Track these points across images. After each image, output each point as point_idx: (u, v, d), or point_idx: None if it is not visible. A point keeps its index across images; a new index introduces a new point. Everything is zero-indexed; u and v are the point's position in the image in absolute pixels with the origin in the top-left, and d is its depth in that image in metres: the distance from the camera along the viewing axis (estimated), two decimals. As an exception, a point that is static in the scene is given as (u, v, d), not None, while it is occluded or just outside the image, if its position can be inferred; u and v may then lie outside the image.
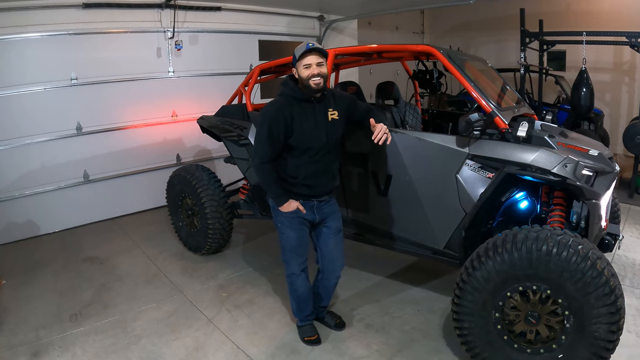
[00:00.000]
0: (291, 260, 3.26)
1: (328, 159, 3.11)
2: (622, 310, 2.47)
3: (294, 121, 2.94)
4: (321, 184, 3.13)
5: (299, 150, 3.00)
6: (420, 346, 3.33)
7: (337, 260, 3.34)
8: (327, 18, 8.51)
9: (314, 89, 2.92)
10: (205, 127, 4.89)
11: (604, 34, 7.03)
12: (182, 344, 3.42)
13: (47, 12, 5.39)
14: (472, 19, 10.81)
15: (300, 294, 3.33)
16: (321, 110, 3.03)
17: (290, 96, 3.00)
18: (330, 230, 3.28)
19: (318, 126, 3.00)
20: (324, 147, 3.04)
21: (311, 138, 2.98)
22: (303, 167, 3.04)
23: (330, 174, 3.18)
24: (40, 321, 3.75)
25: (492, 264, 2.68)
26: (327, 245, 3.29)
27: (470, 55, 4.31)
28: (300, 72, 2.92)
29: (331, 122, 3.06)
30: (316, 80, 2.89)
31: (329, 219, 3.26)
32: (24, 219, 5.57)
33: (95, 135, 5.99)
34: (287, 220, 3.16)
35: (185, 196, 4.88)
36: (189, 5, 6.49)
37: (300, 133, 2.95)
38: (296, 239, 3.20)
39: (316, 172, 3.08)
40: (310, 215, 3.17)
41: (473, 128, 3.09)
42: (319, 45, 2.89)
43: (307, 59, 2.89)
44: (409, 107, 4.79)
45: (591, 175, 2.97)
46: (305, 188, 3.10)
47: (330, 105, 3.09)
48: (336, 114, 3.09)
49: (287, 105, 2.96)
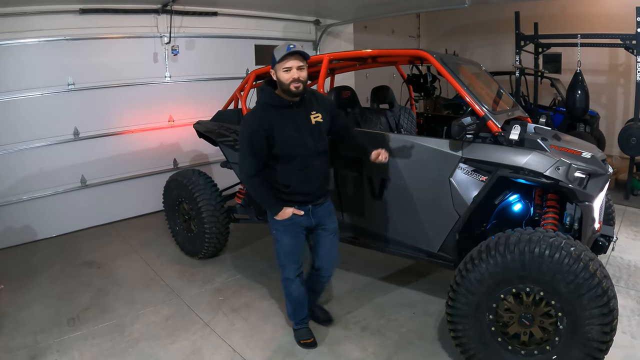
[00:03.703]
0: (286, 266, 3.21)
1: (319, 163, 3.03)
2: (615, 311, 2.48)
3: (274, 130, 2.84)
4: (315, 189, 3.08)
5: (286, 158, 2.92)
6: (415, 348, 3.35)
7: (332, 260, 3.35)
8: (323, 22, 8.54)
9: (294, 93, 2.83)
10: (201, 132, 4.92)
11: (598, 37, 7.09)
12: (179, 347, 3.43)
13: (44, 17, 5.41)
14: (467, 22, 10.84)
15: (296, 297, 3.30)
16: (302, 115, 2.95)
17: (267, 104, 2.91)
18: (326, 232, 3.25)
19: (301, 131, 2.91)
20: (312, 151, 2.96)
21: (295, 144, 2.90)
22: (294, 175, 2.97)
23: (323, 178, 3.13)
24: (39, 325, 3.76)
25: (485, 267, 2.71)
26: (324, 247, 3.28)
27: (464, 59, 4.34)
28: (280, 75, 2.82)
29: (315, 125, 2.98)
30: (296, 84, 2.80)
31: (325, 221, 3.22)
32: (21, 223, 5.58)
33: (93, 140, 6.01)
34: (283, 227, 3.09)
35: (182, 201, 4.89)
36: (185, 10, 6.51)
37: (282, 141, 2.86)
38: (292, 245, 3.15)
39: (308, 178, 3.00)
40: (307, 220, 3.11)
41: (466, 132, 3.11)
42: (300, 47, 2.80)
43: (288, 62, 2.78)
44: (403, 111, 4.82)
45: (584, 178, 2.99)
46: (299, 196, 3.03)
47: (313, 108, 3.01)
48: (320, 116, 3.01)
49: (265, 114, 2.87)
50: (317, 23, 8.52)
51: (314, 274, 3.41)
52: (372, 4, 7.01)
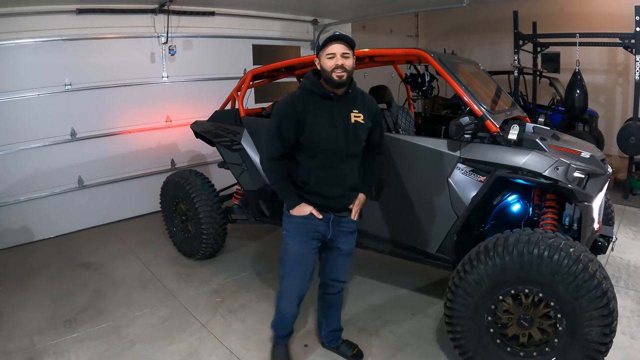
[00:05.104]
0: (288, 279, 2.90)
1: (347, 166, 2.75)
2: (614, 312, 2.47)
3: (307, 116, 2.63)
4: (335, 194, 2.77)
5: (312, 151, 2.68)
6: (413, 350, 3.33)
7: (340, 277, 3.07)
8: (321, 22, 8.51)
9: (336, 82, 2.60)
10: (198, 132, 4.89)
11: (597, 36, 7.08)
12: (176, 349, 3.41)
13: (41, 18, 5.38)
14: (466, 21, 10.84)
15: (285, 313, 3.00)
16: (342, 110, 2.70)
17: (308, 90, 2.70)
18: (340, 253, 2.96)
19: (336, 126, 2.66)
20: (341, 151, 2.70)
21: (326, 138, 2.65)
22: (315, 171, 2.72)
23: (349, 185, 2.80)
24: (35, 327, 3.74)
25: (483, 268, 2.69)
26: (333, 264, 3.02)
27: (462, 59, 4.33)
28: (323, 61, 2.62)
29: (354, 125, 2.72)
30: (339, 72, 2.58)
31: (342, 240, 2.91)
32: (18, 224, 5.56)
33: (90, 140, 5.98)
34: (296, 228, 2.80)
35: (179, 201, 4.87)
36: (182, 10, 6.49)
37: (312, 131, 2.64)
38: (301, 253, 2.83)
39: (330, 179, 2.73)
40: (324, 227, 2.81)
41: (464, 131, 3.10)
42: (348, 35, 2.63)
43: (331, 48, 2.59)
44: (401, 111, 4.79)
45: (583, 178, 2.98)
46: (317, 197, 2.76)
47: (356, 107, 2.76)
48: (361, 117, 2.74)
49: (303, 98, 2.68)
50: (315, 23, 8.50)
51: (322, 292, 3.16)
52: (370, 4, 7.00)
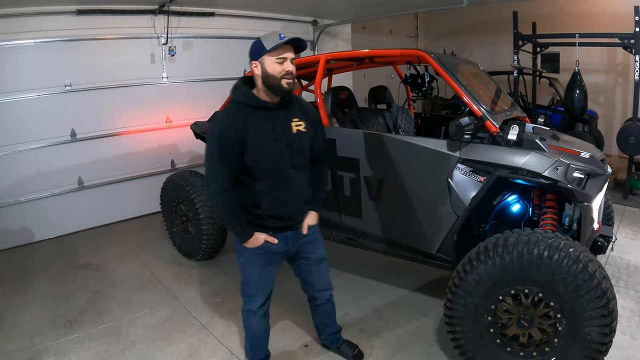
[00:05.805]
0: (250, 298, 2.76)
1: (297, 181, 2.58)
2: (614, 312, 2.47)
3: (248, 133, 2.38)
4: (292, 213, 2.62)
5: (258, 170, 2.46)
6: (414, 350, 3.33)
7: (323, 286, 2.96)
8: (320, 23, 8.52)
9: (284, 90, 2.41)
10: (198, 133, 4.90)
11: (597, 36, 7.08)
12: (176, 349, 3.41)
13: (41, 18, 5.38)
14: (465, 22, 10.84)
15: (254, 333, 2.87)
16: (282, 120, 2.50)
17: (242, 103, 2.46)
18: (309, 262, 2.82)
19: (278, 138, 2.46)
20: (288, 166, 2.51)
21: (269, 154, 2.44)
22: (265, 193, 2.50)
23: (303, 199, 2.65)
24: (35, 328, 3.74)
25: (483, 268, 2.68)
26: (310, 276, 2.89)
27: (462, 59, 4.33)
28: (270, 67, 2.38)
29: (296, 135, 2.53)
30: (289, 79, 2.40)
31: (307, 250, 2.77)
32: (18, 225, 5.56)
33: (90, 141, 5.98)
34: (253, 256, 2.63)
35: (179, 202, 4.87)
36: (182, 11, 6.49)
37: (255, 148, 2.40)
38: (262, 276, 2.70)
39: (281, 198, 2.54)
40: (283, 246, 2.65)
41: (464, 132, 3.10)
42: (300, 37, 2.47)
43: (283, 53, 2.38)
44: (401, 111, 4.80)
45: (582, 178, 2.98)
46: (272, 220, 2.57)
47: (295, 115, 2.57)
48: (303, 125, 2.56)
49: (240, 114, 2.41)
50: (314, 23, 8.50)
51: (312, 305, 3.08)
52: (370, 4, 7.00)
